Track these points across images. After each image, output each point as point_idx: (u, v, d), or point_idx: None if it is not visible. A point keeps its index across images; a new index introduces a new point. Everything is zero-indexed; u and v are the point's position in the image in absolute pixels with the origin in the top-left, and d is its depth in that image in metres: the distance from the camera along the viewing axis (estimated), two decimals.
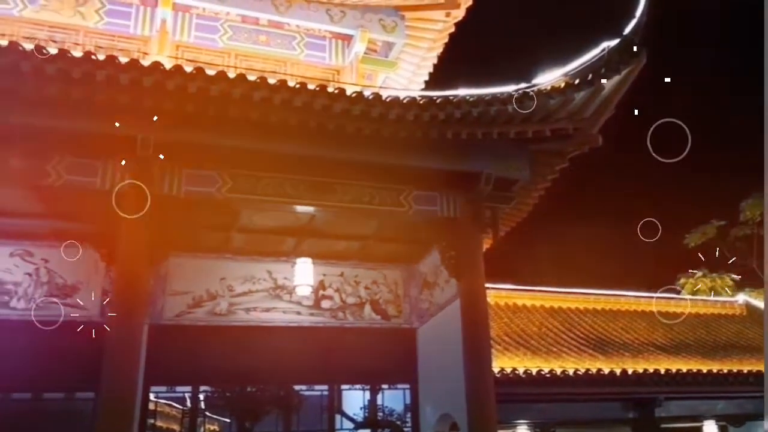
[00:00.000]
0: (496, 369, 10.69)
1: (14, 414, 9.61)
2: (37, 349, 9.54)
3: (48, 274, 10.18)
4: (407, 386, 11.73)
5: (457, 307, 10.13)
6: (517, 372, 11.63)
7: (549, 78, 9.51)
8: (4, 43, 7.62)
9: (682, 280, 29.42)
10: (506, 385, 10.89)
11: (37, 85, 7.74)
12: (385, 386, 11.86)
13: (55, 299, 10.13)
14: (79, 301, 10.21)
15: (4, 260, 10.04)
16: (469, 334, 9.84)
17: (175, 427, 10.99)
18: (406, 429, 11.62)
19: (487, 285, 10.31)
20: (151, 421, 10.38)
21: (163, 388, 10.66)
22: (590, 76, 9.41)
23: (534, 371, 11.70)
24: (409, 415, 11.62)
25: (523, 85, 9.44)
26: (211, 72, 8.23)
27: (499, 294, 15.89)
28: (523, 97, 9.26)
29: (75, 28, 11.96)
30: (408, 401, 11.72)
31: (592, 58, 9.55)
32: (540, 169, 10.55)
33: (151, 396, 10.33)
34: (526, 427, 12.48)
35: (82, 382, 9.28)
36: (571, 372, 11.93)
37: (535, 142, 9.94)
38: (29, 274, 10.15)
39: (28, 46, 7.64)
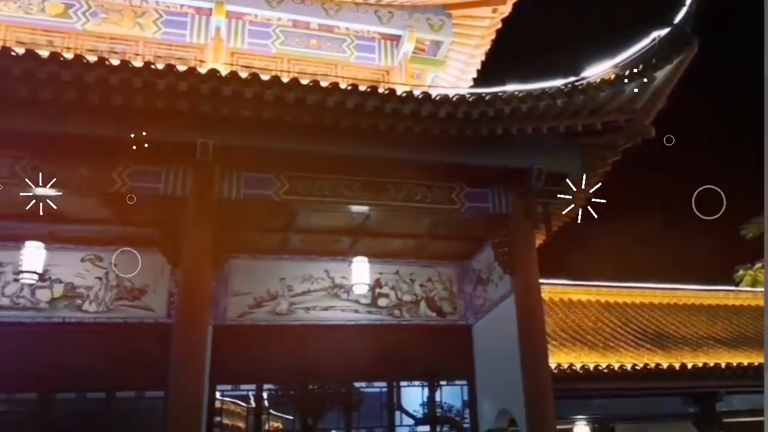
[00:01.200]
0: (552, 364, 10.65)
1: (90, 412, 10.03)
2: (109, 350, 9.96)
3: (117, 277, 10.57)
4: (465, 382, 11.77)
5: (512, 303, 10.16)
6: (574, 367, 11.57)
7: (598, 70, 9.47)
8: (70, 56, 7.99)
9: (741, 272, 28.63)
10: (563, 381, 10.84)
11: (101, 96, 8.10)
12: (443, 382, 11.88)
13: (124, 302, 10.51)
14: (146, 303, 10.56)
15: (76, 265, 10.46)
16: (525, 329, 9.86)
17: (241, 424, 11.26)
18: (465, 425, 11.65)
19: (541, 280, 10.28)
20: (218, 418, 10.65)
21: (228, 387, 10.92)
22: (641, 66, 9.34)
23: (591, 366, 11.61)
24: (467, 411, 11.65)
25: (572, 78, 9.41)
26: (265, 77, 8.48)
27: (553, 289, 15.82)
28: (573, 91, 9.26)
29: (134, 39, 12.49)
30: (466, 397, 11.75)
31: (643, 48, 9.47)
32: (591, 163, 10.46)
33: (217, 394, 10.59)
34: (584, 422, 12.41)
35: (152, 382, 9.54)
36: (628, 367, 11.80)
37: (586, 136, 9.91)
38: (99, 278, 10.54)
39: (92, 58, 7.99)
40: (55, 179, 8.42)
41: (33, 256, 9.72)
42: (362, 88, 8.76)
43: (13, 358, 9.56)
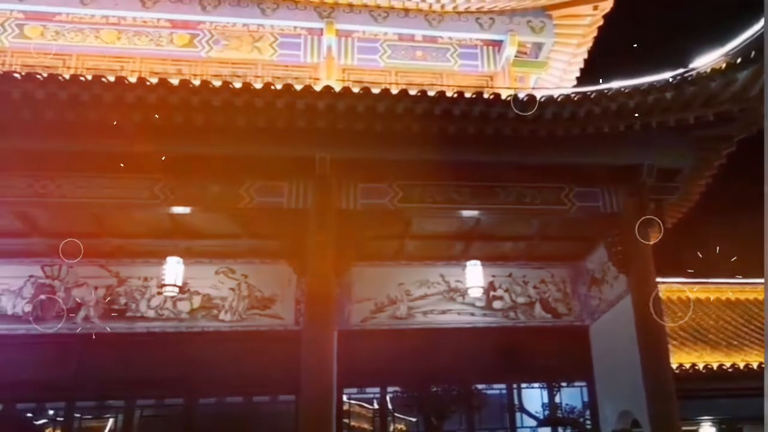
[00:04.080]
0: (673, 365, 10.39)
1: (229, 416, 10.66)
2: (244, 356, 10.59)
3: (248, 288, 11.23)
4: (584, 383, 11.69)
5: (629, 302, 10.03)
6: (696, 367, 11.30)
7: (708, 60, 9.23)
8: (197, 82, 8.62)
9: None
10: (686, 381, 10.61)
11: (227, 117, 8.71)
12: (562, 384, 11.81)
13: (255, 311, 11.14)
14: (276, 311, 11.14)
15: (211, 278, 11.20)
16: (644, 329, 9.70)
17: (367, 426, 11.54)
18: (586, 426, 11.57)
19: (657, 279, 10.07)
20: (346, 420, 11.01)
21: (354, 390, 11.30)
22: (753, 53, 8.99)
23: (715, 366, 11.29)
24: (588, 412, 11.55)
25: (680, 70, 9.22)
26: (375, 90, 8.86)
27: (670, 288, 15.38)
28: (682, 83, 9.09)
29: (253, 62, 13.29)
30: (586, 398, 11.66)
31: (754, 34, 9.09)
32: (705, 156, 10.25)
33: (344, 397, 10.98)
34: (710, 424, 12.02)
35: (284, 386, 10.11)
36: (755, 365, 11.37)
37: (698, 129, 9.68)
38: (233, 289, 11.22)
39: (217, 83, 8.64)
40: (189, 198, 9.18)
41: (173, 270, 10.51)
42: (467, 94, 8.98)
43: (160, 365, 10.41)
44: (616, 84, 9.18)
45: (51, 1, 12.87)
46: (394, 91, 8.95)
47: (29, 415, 10.71)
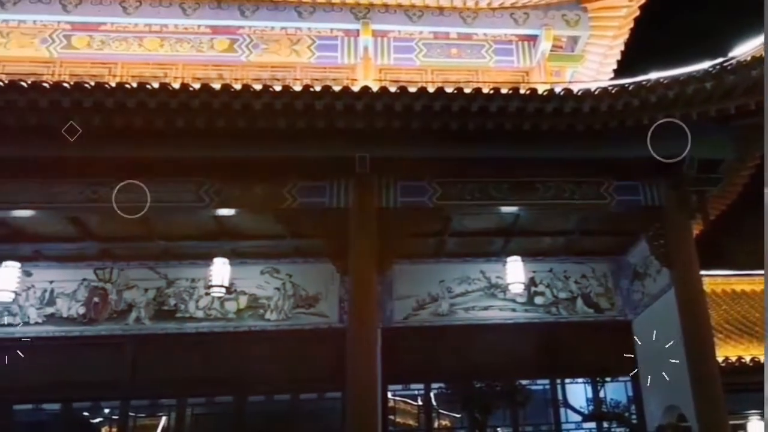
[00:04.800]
0: (719, 358, 10.25)
1: (277, 413, 10.95)
2: (290, 354, 10.85)
3: (293, 287, 11.46)
4: (628, 378, 11.65)
5: (672, 296, 9.94)
6: (743, 360, 11.16)
7: (747, 48, 9.14)
8: (238, 86, 8.79)
9: None
10: (733, 375, 10.48)
11: (268, 120, 8.88)
12: (606, 378, 11.81)
13: (300, 309, 11.35)
14: (320, 310, 11.34)
15: (257, 278, 11.45)
16: (688, 323, 9.61)
17: (412, 422, 11.68)
18: (632, 421, 11.50)
19: (701, 272, 10.00)
20: (391, 417, 11.21)
21: (399, 386, 11.48)
22: None
23: (762, 359, 11.14)
24: (633, 406, 11.52)
25: (719, 59, 9.13)
26: (412, 89, 8.93)
27: (714, 281, 15.14)
28: (721, 72, 8.99)
29: (292, 65, 13.60)
30: (631, 393, 11.64)
31: None
32: (747, 146, 10.10)
33: (389, 394, 11.14)
34: (758, 417, 11.82)
35: (330, 383, 10.26)
36: None
37: (739, 118, 9.52)
38: (278, 289, 11.45)
39: (257, 86, 8.81)
40: (233, 200, 9.40)
41: (220, 271, 10.78)
42: (504, 90, 9.00)
43: (210, 365, 10.72)
44: (654, 75, 9.13)
45: (96, 11, 13.36)
46: (431, 89, 9.01)
47: (86, 414, 11.15)
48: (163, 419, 11.22)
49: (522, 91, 9.08)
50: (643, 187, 10.16)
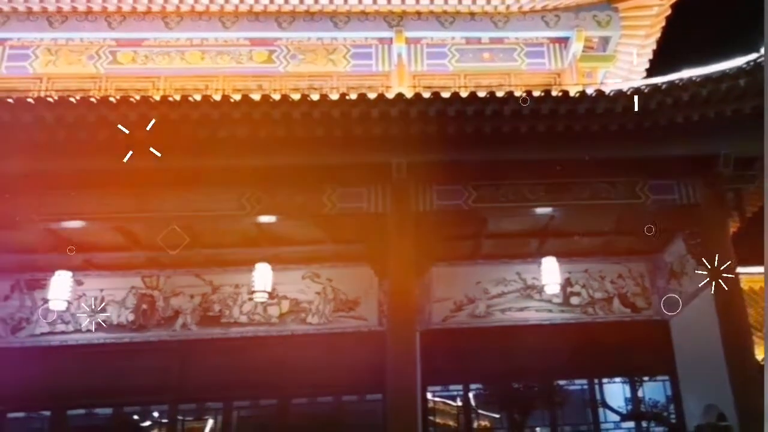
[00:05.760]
0: (759, 356, 10.15)
1: (320, 415, 11.12)
2: (331, 357, 11.05)
3: (333, 291, 11.69)
4: (666, 377, 11.61)
5: (709, 295, 9.85)
6: None
7: None
8: (277, 96, 9.07)
9: None
10: None
11: (306, 129, 9.14)
12: (644, 378, 11.78)
13: (341, 313, 11.58)
14: (360, 313, 11.55)
15: (298, 282, 11.71)
16: (726, 322, 9.58)
17: (452, 423, 11.71)
18: (671, 421, 11.45)
19: (739, 269, 9.93)
20: (431, 417, 11.26)
21: (438, 387, 11.55)
22: None
23: None
24: (672, 406, 11.46)
25: (753, 55, 9.11)
26: (445, 95, 9.10)
27: (752, 278, 14.88)
28: (756, 69, 8.97)
29: (329, 74, 13.87)
30: (669, 392, 11.58)
31: None
32: None
33: (428, 395, 11.24)
34: None
35: (370, 385, 10.46)
36: None
37: None
38: (318, 293, 11.70)
39: (296, 96, 9.06)
40: (274, 207, 9.67)
41: (262, 277, 10.97)
42: (536, 93, 9.11)
43: (254, 368, 10.98)
44: (687, 73, 9.15)
45: (139, 27, 13.79)
46: (464, 94, 9.16)
47: (136, 418, 11.42)
48: (210, 422, 11.44)
49: (554, 93, 9.18)
50: (679, 185, 10.17)
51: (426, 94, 9.15)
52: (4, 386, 10.62)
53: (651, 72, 14.67)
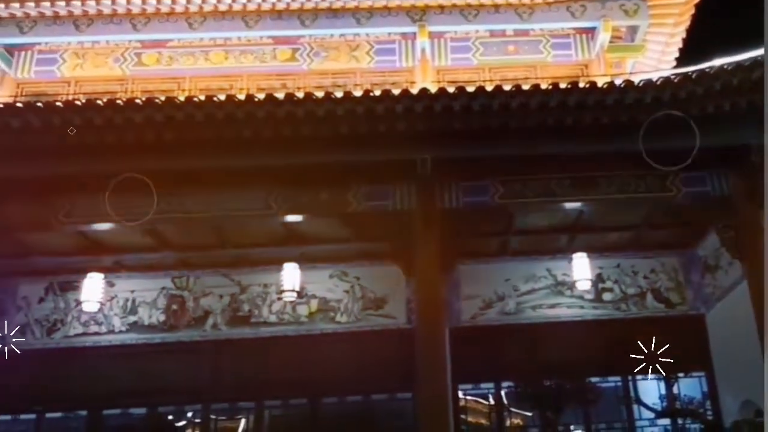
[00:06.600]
0: None
1: (350, 414, 11.16)
2: (361, 356, 11.09)
3: (361, 290, 11.72)
4: (702, 373, 11.46)
5: (745, 288, 9.67)
6: None
7: None
8: (301, 95, 9.04)
9: None
10: None
11: (331, 126, 9.08)
12: (679, 374, 11.52)
13: (369, 311, 11.60)
14: (388, 311, 11.56)
15: (326, 281, 11.75)
16: (762, 315, 9.13)
17: (484, 421, 11.66)
18: (707, 417, 11.25)
19: None
20: (463, 416, 11.23)
21: (469, 385, 11.46)
22: None
23: None
24: (708, 402, 11.30)
25: None
26: (470, 89, 8.97)
27: None
28: None
29: (352, 71, 13.83)
30: (705, 388, 11.43)
31: None
32: None
33: (460, 393, 11.21)
34: None
35: (400, 384, 10.51)
36: None
37: None
38: (347, 292, 11.73)
39: (319, 94, 9.05)
40: (300, 206, 9.66)
41: (291, 276, 11.06)
42: (562, 85, 8.97)
43: (285, 367, 11.05)
44: (718, 62, 8.94)
45: (163, 28, 13.87)
46: (489, 88, 9.03)
47: (170, 417, 11.55)
48: (243, 421, 11.53)
49: (581, 85, 9.03)
50: (711, 177, 9.95)
51: (450, 89, 9.03)
52: (41, 387, 10.95)
53: (681, 61, 14.39)
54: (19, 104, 9.28)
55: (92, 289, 11.08)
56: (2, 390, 10.85)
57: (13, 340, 11.22)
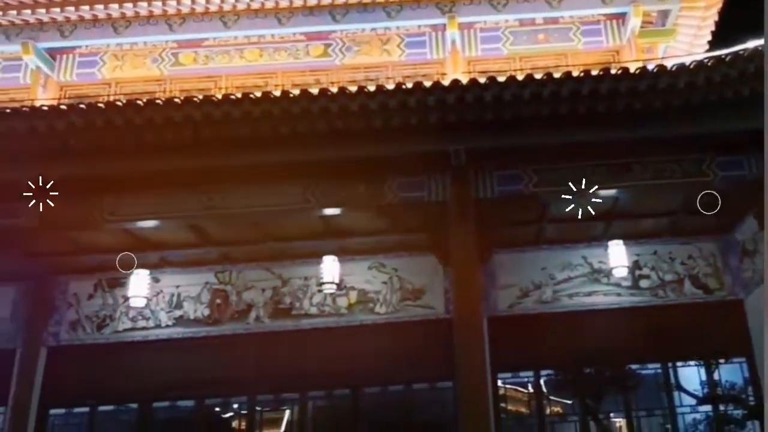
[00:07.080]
0: None
1: (392, 404, 11.33)
2: (400, 346, 11.18)
3: (399, 281, 11.76)
4: (743, 359, 11.32)
5: None
6: None
7: None
8: (334, 90, 9.17)
9: None
10: None
11: (366, 120, 9.22)
12: (720, 360, 11.52)
13: (408, 302, 11.66)
14: (426, 302, 11.60)
15: (365, 273, 11.85)
16: None
17: (524, 409, 11.72)
18: (749, 403, 11.13)
19: None
20: (503, 404, 11.27)
21: (508, 374, 11.51)
22: None
23: None
24: (749, 388, 11.18)
25: None
26: (501, 78, 8.99)
27: None
28: None
29: (384, 64, 14.04)
30: (747, 374, 11.30)
31: None
32: None
33: (499, 382, 11.25)
34: None
35: (441, 373, 10.59)
36: None
37: None
38: (385, 283, 11.80)
39: (353, 88, 9.15)
40: (338, 199, 9.83)
41: (330, 268, 11.18)
42: (594, 72, 8.94)
43: (326, 359, 11.22)
44: (752, 44, 8.83)
45: (199, 27, 14.18)
46: (520, 77, 9.05)
47: (217, 409, 11.85)
48: (287, 413, 11.72)
49: (613, 71, 8.98)
50: (748, 160, 9.85)
51: (481, 79, 9.07)
52: (93, 381, 11.31)
53: (714, 44, 14.19)
54: (63, 106, 9.53)
55: (138, 285, 11.38)
56: (57, 384, 11.34)
57: (66, 336, 11.70)
